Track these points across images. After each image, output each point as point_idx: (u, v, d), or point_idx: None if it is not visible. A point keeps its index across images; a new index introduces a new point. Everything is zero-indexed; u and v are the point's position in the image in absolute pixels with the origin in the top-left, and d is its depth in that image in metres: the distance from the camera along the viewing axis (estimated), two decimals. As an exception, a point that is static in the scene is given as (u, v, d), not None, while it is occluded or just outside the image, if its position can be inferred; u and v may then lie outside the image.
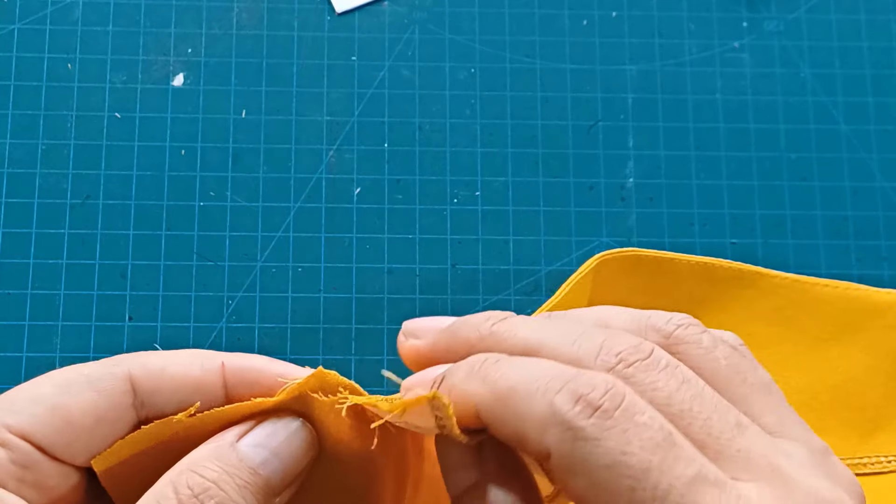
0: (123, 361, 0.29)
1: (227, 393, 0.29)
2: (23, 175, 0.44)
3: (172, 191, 0.44)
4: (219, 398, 0.29)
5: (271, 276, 0.44)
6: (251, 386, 0.29)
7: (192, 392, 0.28)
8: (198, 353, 0.29)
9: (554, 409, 0.23)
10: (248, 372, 0.29)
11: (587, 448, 0.23)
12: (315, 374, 0.28)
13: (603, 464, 0.22)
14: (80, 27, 0.46)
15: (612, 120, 0.47)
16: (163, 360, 0.29)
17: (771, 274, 0.42)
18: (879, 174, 0.47)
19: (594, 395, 0.23)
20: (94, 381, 0.28)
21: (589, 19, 0.48)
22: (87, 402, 0.27)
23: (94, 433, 0.28)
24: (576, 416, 0.23)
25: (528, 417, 0.24)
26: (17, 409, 0.27)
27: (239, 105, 0.46)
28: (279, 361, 0.30)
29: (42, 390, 0.27)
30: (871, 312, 0.42)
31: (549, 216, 0.45)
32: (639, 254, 0.41)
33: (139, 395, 0.28)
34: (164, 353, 0.29)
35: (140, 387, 0.28)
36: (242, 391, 0.29)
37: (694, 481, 0.22)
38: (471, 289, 0.44)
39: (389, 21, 0.47)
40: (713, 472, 0.23)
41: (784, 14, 0.48)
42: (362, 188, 0.45)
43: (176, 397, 0.28)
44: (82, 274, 0.43)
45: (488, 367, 0.26)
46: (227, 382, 0.29)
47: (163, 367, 0.28)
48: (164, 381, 0.28)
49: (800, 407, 0.41)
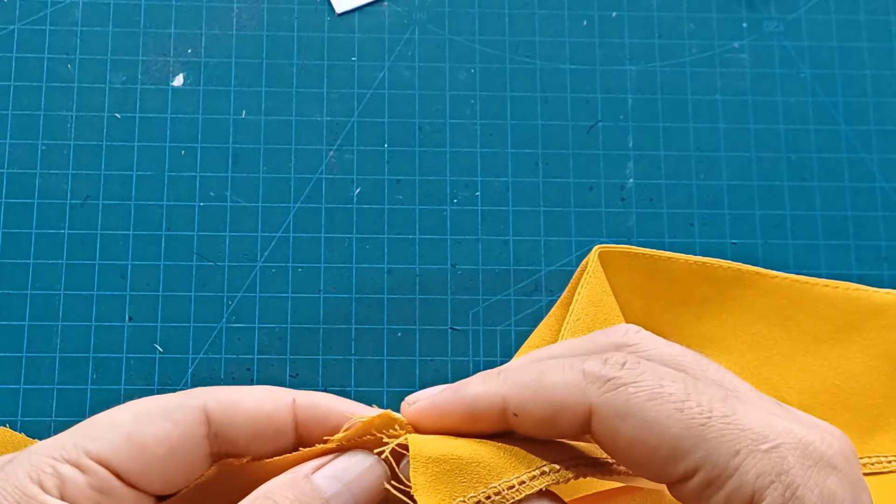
0: (200, 394, 0.29)
1: (297, 428, 0.30)
2: (23, 175, 0.44)
3: (172, 191, 0.44)
4: (289, 432, 0.30)
5: (271, 277, 0.44)
6: (321, 421, 0.29)
7: (265, 425, 0.29)
8: (271, 389, 0.30)
9: (587, 371, 0.27)
10: (318, 408, 0.30)
11: (629, 390, 0.26)
12: (382, 414, 0.28)
13: (646, 398, 0.26)
14: (80, 27, 0.46)
15: (612, 120, 0.47)
16: (237, 394, 0.30)
17: (771, 274, 0.42)
18: (879, 174, 0.47)
19: (617, 358, 0.27)
20: (171, 412, 0.29)
21: (589, 19, 0.48)
22: (163, 431, 0.28)
23: (168, 462, 0.28)
24: (610, 370, 0.27)
25: (563, 388, 0.27)
26: (97, 435, 0.28)
27: (239, 105, 0.46)
28: (347, 400, 0.30)
29: (120, 418, 0.28)
30: (871, 312, 0.42)
31: (549, 216, 0.45)
32: (635, 252, 0.41)
33: (213, 426, 0.29)
34: (239, 387, 0.30)
35: (214, 418, 0.29)
36: (312, 426, 0.30)
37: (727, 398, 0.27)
38: (471, 289, 0.44)
39: (389, 21, 0.47)
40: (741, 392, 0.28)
41: (784, 14, 0.48)
42: (362, 188, 0.45)
43: (249, 430, 0.29)
44: (82, 274, 0.43)
45: (500, 371, 0.29)
46: (297, 417, 0.29)
47: (237, 400, 0.29)
48: (238, 415, 0.29)
49: (800, 407, 0.41)
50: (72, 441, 0.28)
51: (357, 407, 0.30)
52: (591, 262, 0.39)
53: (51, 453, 0.27)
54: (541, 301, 0.44)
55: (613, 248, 0.41)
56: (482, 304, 0.44)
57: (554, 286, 0.44)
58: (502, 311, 0.44)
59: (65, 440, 0.28)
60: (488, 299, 0.44)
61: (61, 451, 0.27)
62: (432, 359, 0.43)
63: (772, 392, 0.41)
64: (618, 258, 0.41)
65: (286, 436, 0.29)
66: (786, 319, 0.42)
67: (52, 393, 0.42)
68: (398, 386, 0.43)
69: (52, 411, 0.41)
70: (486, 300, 0.44)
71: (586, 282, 0.38)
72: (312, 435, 0.29)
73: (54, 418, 0.41)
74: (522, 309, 0.44)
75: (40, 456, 0.27)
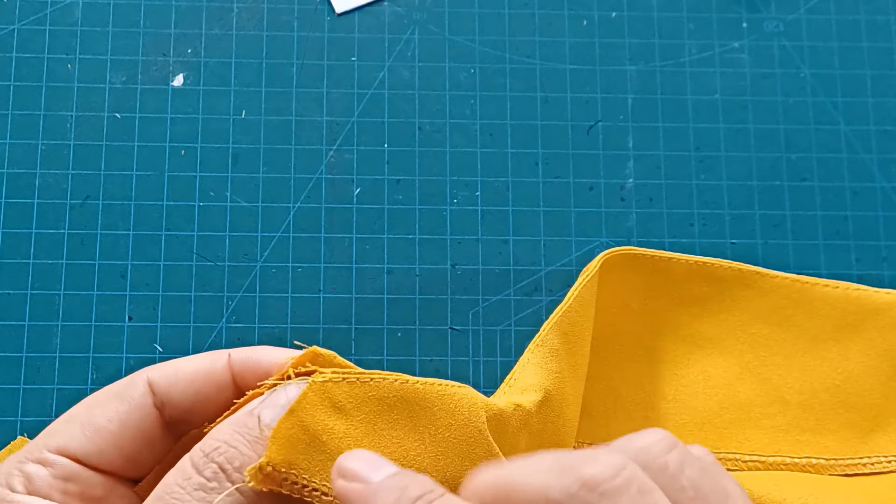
0: (143, 371, 0.32)
1: (234, 381, 0.31)
2: (23, 175, 0.44)
3: (172, 191, 0.44)
4: (229, 387, 0.31)
5: (271, 276, 0.44)
6: (254, 370, 0.31)
7: (204, 384, 0.31)
8: (207, 353, 0.32)
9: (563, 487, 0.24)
10: (251, 359, 0.31)
11: None
12: (307, 352, 0.29)
13: None
14: (80, 27, 0.46)
15: (612, 120, 0.47)
16: (177, 363, 0.32)
17: (771, 274, 0.42)
18: (879, 174, 0.47)
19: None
20: (118, 392, 0.31)
21: (589, 20, 0.48)
22: (112, 410, 0.30)
23: (122, 436, 0.30)
24: None
25: None
26: (56, 430, 0.30)
27: (239, 105, 0.46)
28: (281, 349, 0.32)
29: (75, 411, 0.31)
30: (871, 312, 0.42)
31: (549, 216, 0.45)
32: (638, 252, 0.41)
33: (158, 394, 0.31)
34: (179, 358, 0.32)
35: (158, 388, 0.31)
36: (248, 377, 0.31)
37: None
38: (471, 289, 0.44)
39: (389, 21, 0.47)
40: None
41: (784, 14, 0.48)
42: (362, 188, 0.45)
43: (191, 389, 0.31)
44: (82, 274, 0.43)
45: None
46: (234, 371, 0.31)
47: (177, 367, 0.31)
48: (179, 379, 0.31)
49: (800, 407, 0.42)
50: (34, 444, 0.30)
51: (289, 352, 0.31)
52: (592, 269, 0.39)
53: (17, 458, 0.30)
54: (541, 301, 0.44)
55: (618, 252, 0.40)
56: (482, 304, 0.44)
57: (554, 286, 0.44)
58: (502, 311, 0.44)
59: (30, 446, 0.30)
60: (488, 299, 0.44)
61: (25, 454, 0.30)
62: (432, 359, 0.43)
63: (772, 392, 0.42)
64: (619, 260, 0.41)
65: (226, 390, 0.31)
66: (786, 319, 0.42)
67: (52, 393, 0.42)
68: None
69: (52, 411, 0.41)
70: (486, 300, 0.44)
71: (580, 288, 0.38)
72: (250, 385, 0.30)
73: (54, 418, 0.41)
74: (522, 309, 0.44)
75: (8, 462, 0.30)
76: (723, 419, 0.41)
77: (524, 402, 0.34)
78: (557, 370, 0.36)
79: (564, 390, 0.36)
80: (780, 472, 0.40)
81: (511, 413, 0.33)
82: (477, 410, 0.31)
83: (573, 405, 0.37)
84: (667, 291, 0.42)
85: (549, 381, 0.35)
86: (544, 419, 0.35)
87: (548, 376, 0.35)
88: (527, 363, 0.36)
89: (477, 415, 0.31)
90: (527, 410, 0.34)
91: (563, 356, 0.36)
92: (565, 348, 0.37)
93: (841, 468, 0.41)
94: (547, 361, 0.36)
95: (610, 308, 0.41)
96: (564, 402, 0.36)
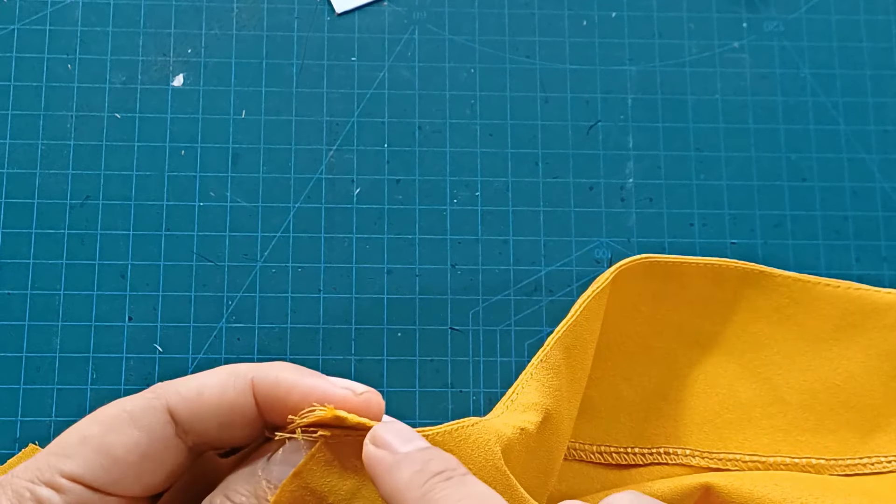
0: (162, 393, 0.30)
1: (259, 409, 0.30)
2: (23, 175, 0.44)
3: (172, 191, 0.44)
4: (255, 416, 0.30)
5: (271, 277, 0.44)
6: (282, 402, 0.30)
7: (229, 415, 0.30)
8: (230, 372, 0.30)
9: None
10: (277, 389, 0.30)
11: None
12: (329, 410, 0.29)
13: None
14: (80, 27, 0.46)
15: (612, 120, 0.47)
16: (197, 385, 0.30)
17: (773, 273, 0.42)
18: (879, 174, 0.47)
19: None
20: (137, 419, 0.29)
21: (589, 19, 0.48)
22: (131, 440, 0.29)
23: (141, 468, 0.29)
24: None
25: None
26: (69, 452, 0.29)
27: (239, 105, 0.46)
28: (307, 372, 0.30)
29: (90, 431, 0.29)
30: (871, 312, 0.42)
31: (549, 216, 0.45)
32: (654, 260, 0.41)
33: (180, 424, 0.29)
34: (198, 376, 0.30)
35: (179, 416, 0.29)
36: (274, 407, 0.30)
37: None
38: (471, 289, 0.44)
39: (389, 21, 0.47)
40: None
41: (784, 14, 0.48)
42: (362, 188, 0.45)
43: (215, 421, 0.30)
44: (82, 274, 0.43)
45: None
46: (258, 401, 0.30)
47: (198, 392, 0.30)
48: (202, 408, 0.30)
49: (800, 407, 0.42)
50: (46, 462, 0.29)
51: (318, 380, 0.30)
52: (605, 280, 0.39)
53: (28, 477, 0.28)
54: (541, 301, 0.44)
55: (634, 262, 0.40)
56: (482, 304, 0.44)
57: (554, 286, 0.44)
58: (502, 311, 0.44)
59: (41, 461, 0.29)
60: (488, 299, 0.44)
61: (37, 473, 0.28)
62: (432, 359, 0.43)
63: (772, 392, 0.42)
64: (634, 267, 0.40)
65: (253, 420, 0.30)
66: (787, 319, 0.42)
67: (52, 393, 0.42)
68: (398, 386, 0.43)
69: (52, 411, 0.41)
70: (486, 300, 0.44)
71: (591, 297, 0.38)
72: (276, 415, 0.30)
73: (54, 418, 0.41)
74: (522, 309, 0.44)
75: (19, 480, 0.28)
76: (723, 419, 0.41)
77: (527, 424, 0.34)
78: (558, 387, 0.36)
79: (562, 406, 0.36)
80: (780, 472, 0.40)
81: (517, 439, 0.33)
82: (491, 447, 0.31)
83: (568, 419, 0.37)
84: (676, 294, 0.41)
85: (549, 399, 0.35)
86: (541, 437, 0.35)
87: (549, 394, 0.35)
88: (529, 378, 0.36)
89: (492, 452, 0.31)
90: (529, 433, 0.34)
91: (563, 372, 0.36)
92: (567, 363, 0.37)
93: (841, 468, 0.41)
94: (549, 378, 0.36)
95: (618, 312, 0.41)
96: (561, 418, 0.36)
